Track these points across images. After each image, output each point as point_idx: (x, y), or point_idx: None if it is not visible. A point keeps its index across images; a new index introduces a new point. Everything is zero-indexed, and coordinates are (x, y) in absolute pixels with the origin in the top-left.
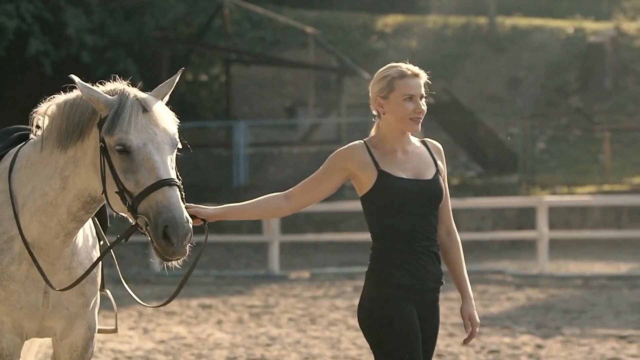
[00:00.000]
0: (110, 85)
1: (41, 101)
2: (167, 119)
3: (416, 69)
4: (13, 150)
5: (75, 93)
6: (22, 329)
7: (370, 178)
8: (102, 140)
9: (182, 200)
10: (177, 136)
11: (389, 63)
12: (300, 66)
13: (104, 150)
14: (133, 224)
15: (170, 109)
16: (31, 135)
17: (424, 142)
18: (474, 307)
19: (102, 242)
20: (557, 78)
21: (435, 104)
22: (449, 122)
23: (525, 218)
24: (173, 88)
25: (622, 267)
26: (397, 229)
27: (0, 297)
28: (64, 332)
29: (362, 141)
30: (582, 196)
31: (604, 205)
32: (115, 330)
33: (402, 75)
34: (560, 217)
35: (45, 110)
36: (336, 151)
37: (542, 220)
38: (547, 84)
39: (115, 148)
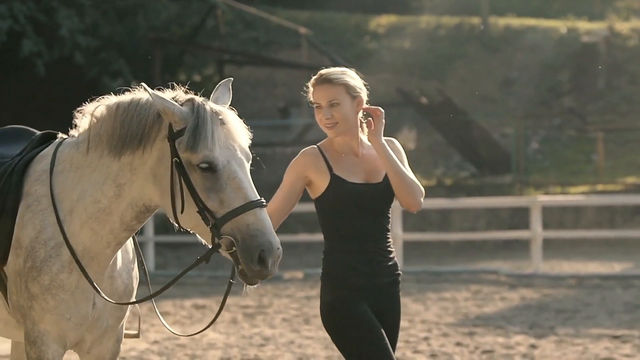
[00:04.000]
0: (172, 93)
1: (34, 101)
2: (241, 133)
3: (327, 73)
4: (46, 152)
5: (130, 96)
6: (65, 339)
7: (323, 182)
8: (177, 156)
9: None
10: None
11: (382, 63)
12: (293, 67)
13: (179, 166)
14: (213, 244)
15: None
16: (60, 135)
17: None
18: (381, 138)
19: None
20: (550, 78)
21: (428, 104)
22: (442, 123)
23: (518, 218)
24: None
25: (616, 267)
26: (349, 231)
27: (49, 305)
28: (93, 343)
29: (316, 146)
30: (575, 196)
31: (597, 205)
32: (137, 336)
33: (314, 82)
34: (553, 217)
35: (93, 111)
36: (292, 162)
37: (536, 220)
38: (540, 84)
39: (200, 166)
